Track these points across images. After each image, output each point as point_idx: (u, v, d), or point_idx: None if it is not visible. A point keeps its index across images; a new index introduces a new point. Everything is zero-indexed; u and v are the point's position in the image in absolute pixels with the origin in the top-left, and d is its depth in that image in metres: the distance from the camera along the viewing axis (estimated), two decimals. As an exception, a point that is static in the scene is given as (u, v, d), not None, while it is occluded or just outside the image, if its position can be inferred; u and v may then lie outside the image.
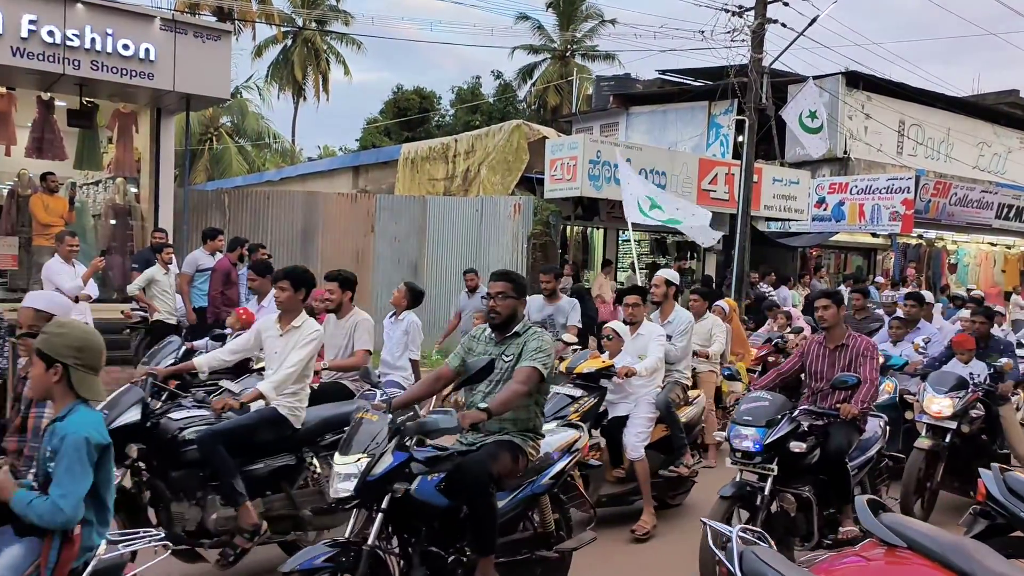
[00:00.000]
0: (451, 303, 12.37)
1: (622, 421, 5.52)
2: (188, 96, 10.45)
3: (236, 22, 26.68)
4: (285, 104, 40.46)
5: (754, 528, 2.78)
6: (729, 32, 12.59)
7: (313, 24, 33.89)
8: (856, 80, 18.93)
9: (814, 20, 12.56)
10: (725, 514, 4.31)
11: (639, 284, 6.35)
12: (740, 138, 15.83)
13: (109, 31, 9.48)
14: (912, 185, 16.19)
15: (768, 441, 4.36)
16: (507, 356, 3.80)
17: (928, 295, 8.38)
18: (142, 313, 8.72)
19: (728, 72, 13.18)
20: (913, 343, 7.02)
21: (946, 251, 19.56)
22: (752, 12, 12.67)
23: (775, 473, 4.38)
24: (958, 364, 6.37)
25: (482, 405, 3.50)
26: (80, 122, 10.55)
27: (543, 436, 3.94)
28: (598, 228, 14.62)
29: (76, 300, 7.48)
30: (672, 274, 6.40)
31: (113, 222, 11.52)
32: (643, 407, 5.51)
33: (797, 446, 4.44)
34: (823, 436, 4.67)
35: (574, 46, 33.15)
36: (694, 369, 7.44)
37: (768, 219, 15.95)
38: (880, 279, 15.99)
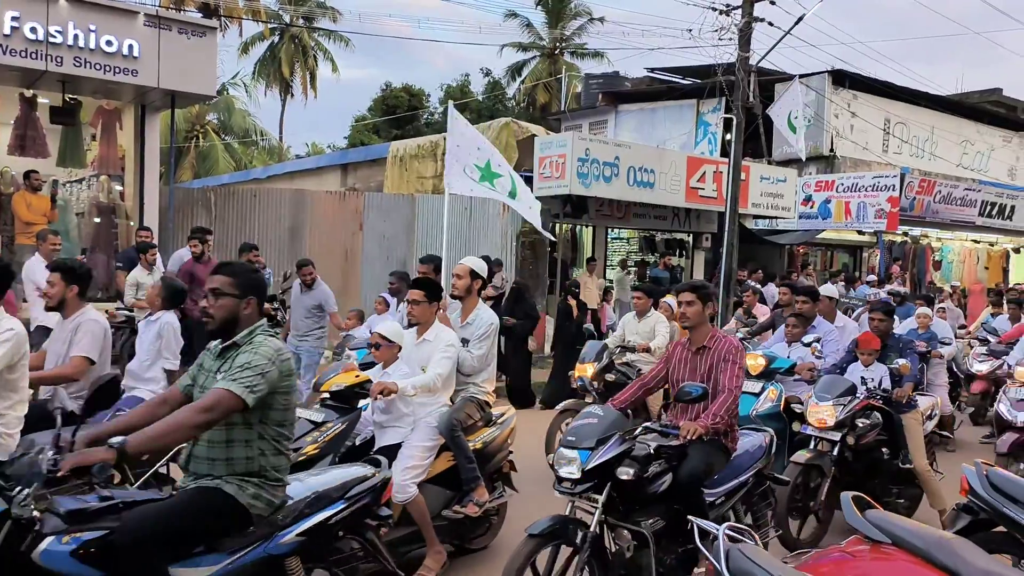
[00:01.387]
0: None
1: (394, 450, 4.36)
2: (173, 93, 10.37)
3: (222, 18, 26.50)
4: (272, 101, 40.32)
5: (741, 526, 2.79)
6: (716, 31, 12.61)
7: (300, 21, 33.72)
8: (842, 79, 19.05)
9: (800, 19, 12.60)
10: (529, 557, 3.52)
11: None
12: (728, 136, 15.89)
13: (92, 27, 9.39)
14: (897, 183, 16.33)
15: (591, 466, 3.61)
16: (219, 375, 2.92)
17: (832, 289, 7.60)
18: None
19: (716, 70, 13.21)
20: (810, 345, 6.31)
21: (931, 248, 19.73)
22: (739, 11, 12.70)
23: (600, 505, 3.66)
24: (859, 366, 5.78)
25: (115, 440, 2.61)
26: (63, 119, 10.44)
27: (282, 481, 3.01)
28: (587, 226, 14.63)
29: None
30: (477, 263, 5.06)
31: (97, 220, 11.42)
32: (420, 432, 4.44)
33: (624, 472, 3.67)
34: (679, 458, 3.93)
35: (563, 44, 33.17)
36: (639, 370, 6.94)
37: (756, 217, 16.01)
38: (872, 276, 16.11)
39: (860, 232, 17.85)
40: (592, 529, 3.62)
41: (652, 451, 3.83)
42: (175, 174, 13.88)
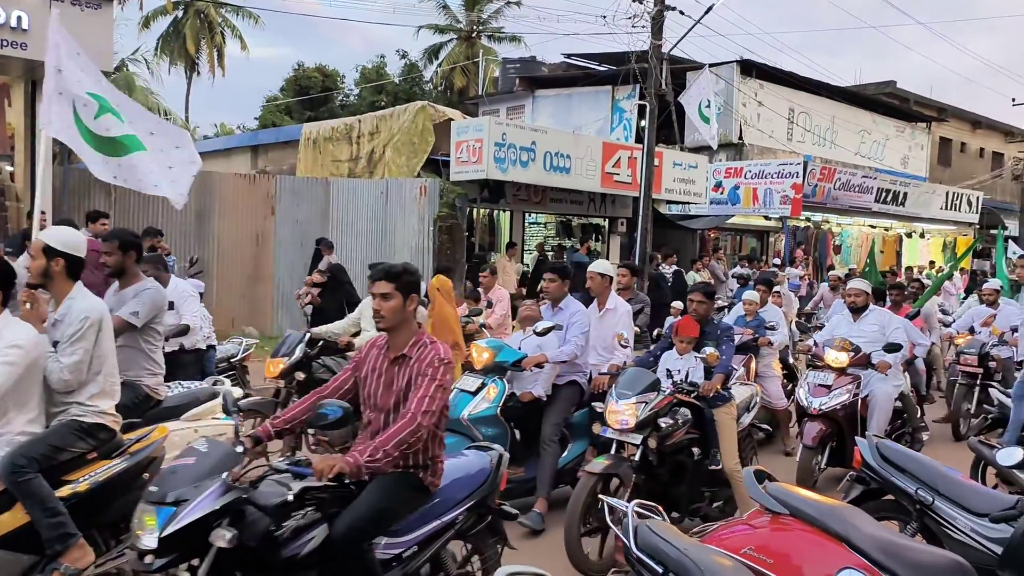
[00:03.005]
0: (358, 288, 12.19)
1: None
2: (67, 68, 9.79)
3: (121, -10, 25.11)
4: (177, 79, 38.62)
5: (650, 503, 2.87)
6: (630, 18, 12.82)
7: (207, -5, 32.32)
8: (750, 68, 19.70)
9: (710, 8, 12.94)
10: None
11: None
12: (642, 123, 16.20)
13: (-25, -4, 8.76)
14: (800, 170, 17.06)
15: (170, 531, 2.61)
16: None
17: (605, 266, 6.08)
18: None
19: (630, 57, 13.42)
20: (544, 334, 5.22)
21: (831, 233, 20.71)
22: (652, -1, 12.93)
23: None
24: (673, 355, 5.13)
25: None
26: (-57, 94, 9.75)
27: None
28: (504, 211, 14.67)
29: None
30: (61, 236, 3.71)
31: (-16, 203, 10.72)
32: None
33: (219, 537, 2.62)
34: (342, 503, 2.96)
35: (480, 27, 33.00)
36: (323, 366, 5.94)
37: (669, 202, 16.43)
38: (777, 260, 16.78)
39: (767, 217, 18.57)
40: None
41: (292, 497, 2.79)
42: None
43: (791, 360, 8.12)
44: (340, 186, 12.98)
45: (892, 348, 6.03)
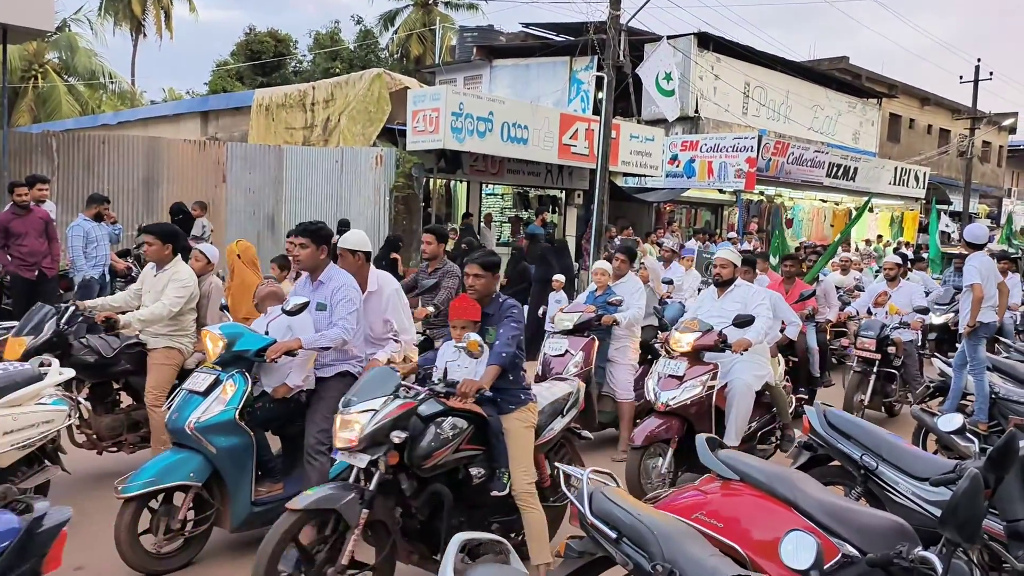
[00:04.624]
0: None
1: None
2: (4, 26, 9.38)
3: (60, -54, 24.00)
4: (122, 41, 37.32)
5: (604, 470, 2.92)
6: (589, -13, 12.71)
7: (152, -46, 31.12)
8: (707, 42, 19.77)
9: (669, -20, 12.90)
10: None
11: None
12: (599, 94, 16.16)
13: (-100, -54, 8.28)
14: (755, 144, 17.28)
15: None
16: None
17: (356, 240, 4.73)
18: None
19: (587, 28, 13.35)
20: (293, 313, 4.11)
21: (784, 207, 21.08)
22: (611, -32, 12.83)
23: None
24: (451, 347, 3.92)
25: None
26: None
27: None
28: (461, 181, 14.57)
29: None
30: None
31: (-84, 167, 10.23)
32: None
33: None
34: None
35: (437, -7, 32.45)
36: (131, 343, 4.95)
37: (625, 174, 16.49)
38: (732, 233, 17.02)
39: (721, 191, 18.80)
40: None
41: None
42: (10, 117, 12.60)
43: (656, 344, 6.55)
44: (294, 154, 12.74)
45: (741, 321, 5.15)
